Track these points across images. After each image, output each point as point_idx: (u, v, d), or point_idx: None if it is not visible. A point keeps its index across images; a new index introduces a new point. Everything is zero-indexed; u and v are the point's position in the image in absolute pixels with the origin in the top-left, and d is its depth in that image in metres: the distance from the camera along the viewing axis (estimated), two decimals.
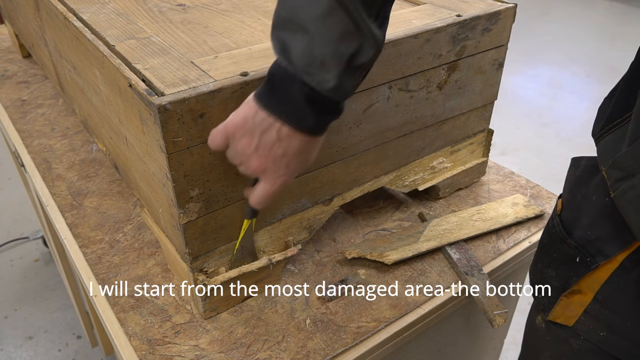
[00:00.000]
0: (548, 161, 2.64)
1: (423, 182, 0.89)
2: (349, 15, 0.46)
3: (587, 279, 0.60)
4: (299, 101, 0.51)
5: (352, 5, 0.46)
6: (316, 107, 0.51)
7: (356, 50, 0.48)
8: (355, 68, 0.50)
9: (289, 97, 0.51)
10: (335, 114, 0.54)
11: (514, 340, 1.76)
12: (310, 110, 0.51)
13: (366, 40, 0.48)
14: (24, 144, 1.05)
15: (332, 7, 0.46)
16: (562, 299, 0.64)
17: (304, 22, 0.47)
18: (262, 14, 0.80)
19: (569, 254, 0.62)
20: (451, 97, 0.82)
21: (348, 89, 0.52)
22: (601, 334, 0.61)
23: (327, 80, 0.49)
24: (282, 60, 0.51)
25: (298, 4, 0.48)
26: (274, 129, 0.53)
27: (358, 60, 0.49)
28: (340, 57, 0.48)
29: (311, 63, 0.49)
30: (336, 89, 0.50)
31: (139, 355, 0.66)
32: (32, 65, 1.37)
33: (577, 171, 0.65)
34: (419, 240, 0.81)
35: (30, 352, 1.76)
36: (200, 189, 0.61)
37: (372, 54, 0.50)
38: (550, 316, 0.66)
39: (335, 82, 0.50)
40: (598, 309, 0.60)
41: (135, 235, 0.84)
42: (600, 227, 0.59)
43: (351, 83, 0.52)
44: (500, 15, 0.79)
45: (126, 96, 0.63)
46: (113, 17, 0.76)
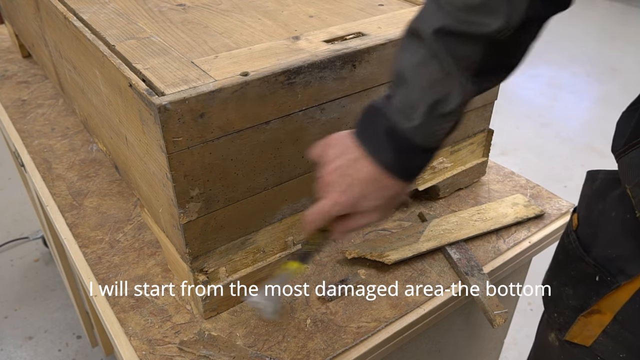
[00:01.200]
0: (548, 161, 2.65)
1: (423, 182, 0.89)
2: (441, 65, 0.50)
3: (607, 299, 0.58)
4: (379, 133, 0.54)
5: (443, 57, 0.50)
6: (395, 143, 0.53)
7: (442, 97, 0.51)
8: (440, 115, 0.52)
9: (372, 128, 0.55)
10: (418, 159, 0.55)
11: (514, 340, 1.76)
12: (387, 144, 0.54)
13: (454, 90, 0.51)
14: (24, 144, 1.05)
15: (427, 57, 0.51)
16: (580, 318, 0.61)
17: (404, 71, 0.52)
18: (262, 14, 0.80)
19: (588, 273, 0.60)
20: None
21: (429, 133, 0.53)
22: (621, 355, 0.59)
23: (410, 119, 0.52)
24: (385, 102, 0.54)
25: (402, 58, 0.53)
26: (354, 151, 0.56)
27: (444, 107, 0.52)
28: (425, 101, 0.51)
29: (405, 105, 0.53)
30: (415, 129, 0.52)
31: (139, 355, 0.66)
32: (32, 65, 1.37)
33: (594, 185, 0.63)
34: (419, 240, 0.81)
35: (30, 352, 1.76)
36: (200, 189, 0.61)
37: (457, 103, 0.52)
38: (567, 336, 0.64)
39: (417, 122, 0.52)
40: (618, 329, 0.58)
41: (135, 235, 0.84)
42: (622, 245, 0.57)
43: (434, 129, 0.53)
44: None
45: (126, 96, 0.63)
46: (113, 17, 0.76)
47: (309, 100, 0.65)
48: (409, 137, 0.53)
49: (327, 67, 0.64)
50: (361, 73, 0.68)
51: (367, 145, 0.55)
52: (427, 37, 0.50)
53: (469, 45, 0.49)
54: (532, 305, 1.89)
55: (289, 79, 0.62)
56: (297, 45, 0.68)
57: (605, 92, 3.28)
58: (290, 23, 0.76)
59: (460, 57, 0.49)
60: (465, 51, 0.49)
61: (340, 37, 0.70)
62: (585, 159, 2.67)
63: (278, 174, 0.68)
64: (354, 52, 0.66)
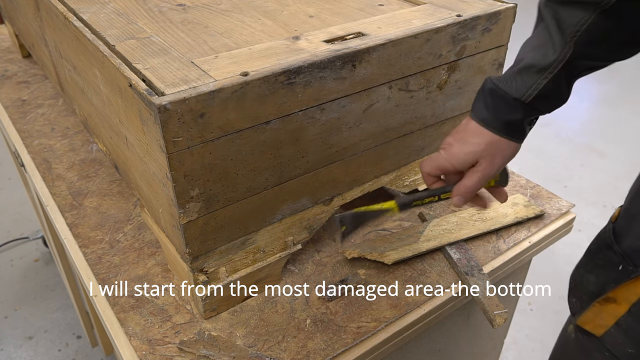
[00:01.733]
0: (548, 161, 2.64)
1: (423, 182, 0.89)
2: (547, 29, 0.59)
3: (624, 288, 0.59)
4: (485, 95, 0.63)
5: (549, 21, 0.59)
6: (492, 99, 0.62)
7: (541, 55, 0.59)
8: (536, 71, 0.59)
9: (481, 92, 0.64)
10: (515, 112, 0.61)
11: (514, 340, 1.76)
12: (486, 100, 0.63)
13: (551, 49, 0.59)
14: (24, 144, 1.05)
15: (537, 27, 0.61)
16: (596, 304, 0.62)
17: (522, 49, 0.63)
18: (262, 14, 0.80)
19: (613, 261, 0.61)
20: (451, 97, 0.82)
21: (523, 87, 0.60)
22: (629, 350, 0.60)
23: (508, 77, 0.61)
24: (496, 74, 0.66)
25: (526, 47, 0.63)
26: (468, 119, 0.66)
27: (540, 63, 0.59)
28: (526, 60, 0.60)
29: (509, 69, 0.63)
30: (510, 82, 0.61)
31: (139, 355, 0.66)
32: (32, 65, 1.37)
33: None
34: (419, 240, 0.81)
35: (30, 352, 1.76)
36: (200, 189, 0.61)
37: (551, 59, 0.59)
38: (580, 320, 0.65)
39: (513, 76, 0.61)
40: (630, 322, 0.59)
41: (135, 235, 0.84)
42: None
43: (528, 84, 0.60)
44: (501, 15, 0.79)
45: (126, 96, 0.63)
46: (113, 17, 0.76)
47: (309, 100, 0.65)
48: (505, 90, 0.61)
49: (327, 67, 0.64)
50: (361, 73, 0.68)
51: (473, 108, 0.64)
52: (542, 7, 0.59)
53: (572, 10, 0.56)
54: (532, 305, 1.89)
55: (289, 79, 0.62)
56: (297, 45, 0.68)
57: (605, 92, 3.28)
58: (290, 23, 0.76)
59: (562, 19, 0.57)
60: (569, 16, 0.57)
61: (340, 37, 0.70)
62: (585, 159, 2.67)
63: (278, 174, 0.68)
64: (353, 52, 0.66)
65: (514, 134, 0.63)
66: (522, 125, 0.63)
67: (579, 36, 0.56)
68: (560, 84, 0.60)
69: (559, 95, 0.61)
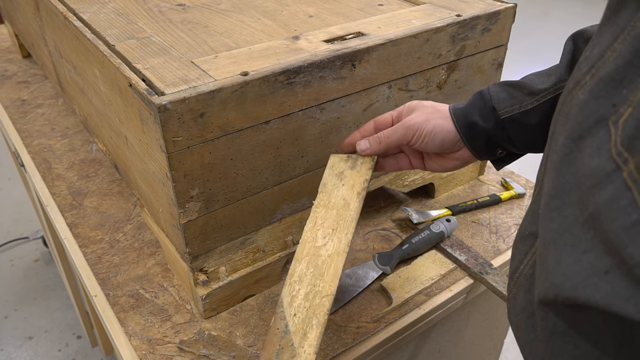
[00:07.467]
0: None
1: (423, 182, 0.89)
2: (559, 63, 0.59)
3: None
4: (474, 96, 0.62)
5: (563, 59, 0.59)
6: (475, 96, 0.61)
7: (539, 80, 0.59)
8: (527, 93, 0.58)
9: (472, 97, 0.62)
10: (484, 120, 0.59)
11: (514, 340, 1.76)
12: (471, 99, 0.61)
13: (551, 77, 0.58)
14: (24, 143, 1.05)
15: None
16: None
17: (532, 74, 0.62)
18: (262, 14, 0.80)
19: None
20: (451, 97, 0.82)
21: (507, 99, 0.59)
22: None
23: (498, 85, 0.61)
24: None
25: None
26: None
27: (533, 87, 0.58)
28: (523, 81, 0.60)
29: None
30: (496, 91, 0.60)
31: (139, 355, 0.66)
32: (32, 65, 1.37)
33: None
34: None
35: (30, 352, 1.76)
36: (200, 189, 0.62)
37: (546, 85, 0.57)
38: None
39: (502, 87, 0.60)
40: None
41: (135, 235, 0.84)
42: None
43: (514, 100, 0.58)
44: (500, 15, 0.79)
45: (126, 96, 0.63)
46: (113, 16, 0.77)
47: (309, 100, 0.65)
48: (490, 96, 0.59)
49: (326, 66, 0.64)
50: (361, 73, 0.68)
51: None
52: (566, 40, 0.59)
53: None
54: None
55: (289, 78, 0.62)
56: (297, 45, 0.68)
57: None
58: (290, 23, 0.76)
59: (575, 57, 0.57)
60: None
61: (340, 37, 0.70)
62: None
63: (278, 174, 0.68)
64: (353, 52, 0.66)
65: (472, 141, 0.60)
66: (483, 137, 0.59)
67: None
68: (542, 120, 0.56)
69: (533, 133, 0.57)
